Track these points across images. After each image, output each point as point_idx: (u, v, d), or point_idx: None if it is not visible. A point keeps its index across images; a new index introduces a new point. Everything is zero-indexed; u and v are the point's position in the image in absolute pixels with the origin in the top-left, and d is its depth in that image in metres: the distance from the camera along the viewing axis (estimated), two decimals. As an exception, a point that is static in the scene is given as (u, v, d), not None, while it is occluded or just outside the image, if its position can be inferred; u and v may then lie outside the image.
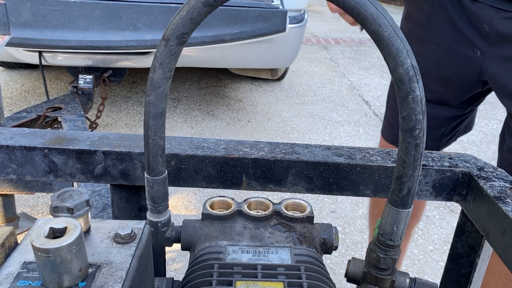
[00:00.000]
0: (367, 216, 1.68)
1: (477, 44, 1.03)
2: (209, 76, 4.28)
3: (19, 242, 0.40)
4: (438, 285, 0.67)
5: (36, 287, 0.35)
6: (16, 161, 0.72)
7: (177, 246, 0.63)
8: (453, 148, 3.17)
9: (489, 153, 3.11)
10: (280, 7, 2.57)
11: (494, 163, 1.31)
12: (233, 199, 0.67)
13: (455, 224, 0.78)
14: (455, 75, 1.13)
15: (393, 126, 1.35)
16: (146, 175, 0.55)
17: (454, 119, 1.23)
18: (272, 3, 2.55)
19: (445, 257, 1.77)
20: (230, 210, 0.65)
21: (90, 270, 0.37)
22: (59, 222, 0.35)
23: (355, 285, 0.60)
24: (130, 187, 0.75)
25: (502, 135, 1.16)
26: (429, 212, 2.43)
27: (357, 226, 2.27)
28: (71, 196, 0.41)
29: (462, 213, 0.75)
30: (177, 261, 1.95)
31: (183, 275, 0.57)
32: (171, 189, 0.69)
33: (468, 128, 1.32)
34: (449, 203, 2.51)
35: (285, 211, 0.65)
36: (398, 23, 0.90)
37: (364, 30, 0.46)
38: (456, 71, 1.12)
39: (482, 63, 1.05)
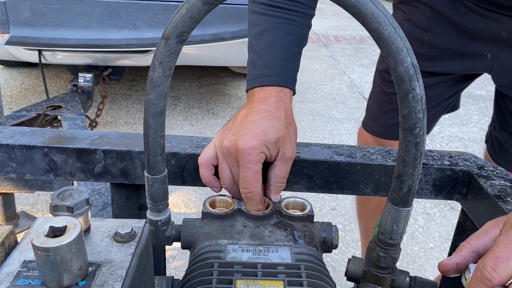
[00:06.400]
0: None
1: (489, 49, 1.06)
2: (209, 74, 4.27)
3: (19, 241, 0.40)
4: (438, 283, 0.67)
5: (36, 286, 0.35)
6: (16, 160, 0.72)
7: (177, 244, 0.63)
8: (453, 145, 3.17)
9: (489, 151, 3.11)
10: (280, 5, 2.56)
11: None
12: (233, 197, 0.67)
13: (455, 222, 0.78)
14: (454, 70, 1.17)
15: (381, 119, 1.35)
16: (146, 174, 0.55)
17: (445, 101, 1.27)
18: (272, 1, 2.54)
19: (445, 255, 1.77)
20: (230, 208, 0.65)
21: (90, 269, 0.37)
22: (59, 221, 0.35)
23: (356, 284, 0.60)
24: (130, 186, 0.75)
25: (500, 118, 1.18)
26: (429, 209, 2.43)
27: (357, 224, 2.27)
28: (71, 195, 0.41)
29: (462, 212, 0.74)
30: (177, 259, 1.95)
31: (183, 273, 0.57)
32: (171, 186, 0.69)
33: (455, 107, 1.34)
34: (449, 201, 2.51)
35: (285, 209, 0.65)
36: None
37: None
38: (457, 68, 1.15)
39: (493, 66, 1.09)
